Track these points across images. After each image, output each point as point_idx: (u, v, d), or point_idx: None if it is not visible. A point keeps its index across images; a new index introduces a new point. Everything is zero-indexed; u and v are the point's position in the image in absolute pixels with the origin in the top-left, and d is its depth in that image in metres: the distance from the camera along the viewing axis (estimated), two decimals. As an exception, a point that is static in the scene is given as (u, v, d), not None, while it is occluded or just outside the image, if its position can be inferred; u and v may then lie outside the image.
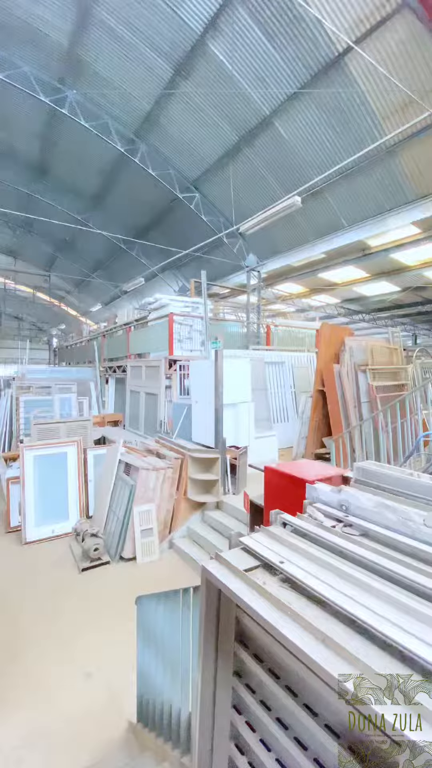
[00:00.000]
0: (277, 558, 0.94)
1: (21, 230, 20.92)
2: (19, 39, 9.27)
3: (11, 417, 9.28)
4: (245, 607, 0.82)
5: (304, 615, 0.77)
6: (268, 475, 2.76)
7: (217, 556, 1.00)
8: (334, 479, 2.02)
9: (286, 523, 1.14)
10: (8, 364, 30.50)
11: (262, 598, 0.82)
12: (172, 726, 2.05)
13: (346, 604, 0.77)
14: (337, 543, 1.00)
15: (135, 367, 10.40)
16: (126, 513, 4.88)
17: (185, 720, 1.94)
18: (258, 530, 1.11)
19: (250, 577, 0.88)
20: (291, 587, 0.86)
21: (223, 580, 0.89)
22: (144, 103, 10.62)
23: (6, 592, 4.15)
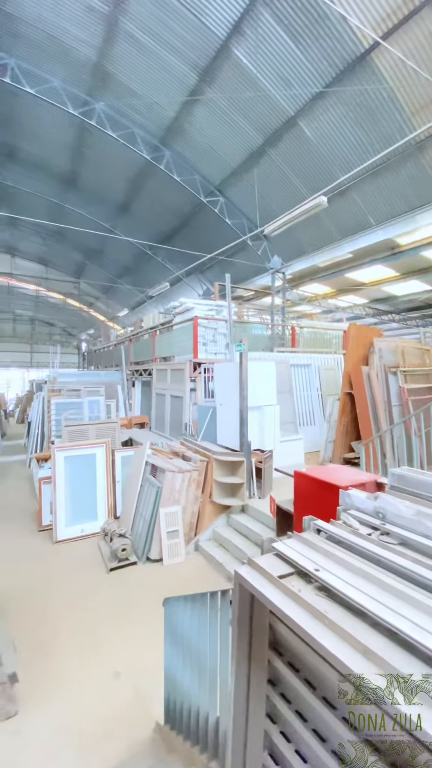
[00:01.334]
0: (313, 565, 0.92)
1: (52, 239, 21.74)
2: (50, 55, 9.67)
3: (43, 419, 9.61)
4: (281, 614, 0.80)
5: (343, 625, 0.74)
6: (298, 480, 2.71)
7: (250, 561, 0.99)
8: (367, 485, 1.96)
9: (320, 529, 1.11)
10: (41, 368, 31.70)
11: (298, 606, 0.80)
12: (200, 730, 2.04)
13: (387, 616, 0.74)
14: (374, 552, 0.96)
15: (160, 370, 10.54)
16: (152, 514, 4.93)
17: (213, 724, 1.93)
18: (291, 536, 1.09)
19: (285, 584, 0.87)
20: (327, 596, 0.84)
21: (257, 586, 0.88)
22: (169, 110, 10.81)
23: (38, 589, 4.29)
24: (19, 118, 12.18)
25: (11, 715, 2.65)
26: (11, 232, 21.71)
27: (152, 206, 15.53)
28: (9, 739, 2.50)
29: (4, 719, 2.62)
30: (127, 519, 5.39)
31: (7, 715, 2.63)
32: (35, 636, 3.49)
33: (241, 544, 4.74)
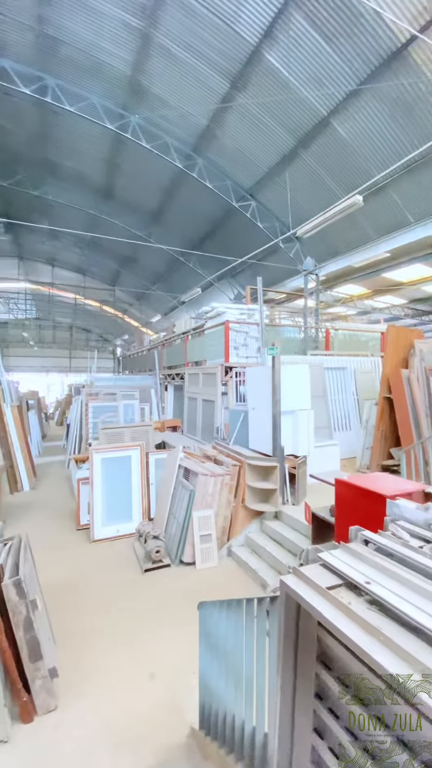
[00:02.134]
0: (363, 578, 0.88)
1: (89, 249, 22.64)
2: (87, 72, 10.12)
3: (81, 421, 9.96)
4: (331, 627, 0.77)
5: (399, 642, 0.71)
6: (339, 488, 2.63)
7: (295, 570, 0.97)
8: (414, 495, 1.86)
9: (368, 540, 1.06)
10: (79, 373, 32.99)
11: (349, 620, 0.77)
12: (236, 738, 2.01)
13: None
14: (428, 566, 0.91)
15: (192, 374, 10.64)
16: (186, 517, 4.96)
17: (249, 733, 1.89)
18: (338, 546, 1.05)
19: (334, 596, 0.84)
20: (380, 610, 0.80)
21: (305, 597, 0.85)
22: (201, 119, 10.98)
23: (77, 587, 4.42)
24: (60, 136, 12.83)
25: (51, 709, 2.74)
26: (52, 244, 22.82)
27: (184, 213, 15.79)
28: (49, 733, 2.58)
29: (45, 713, 2.70)
30: (161, 521, 5.46)
31: (47, 708, 2.71)
32: (73, 632, 3.60)
33: (276, 552, 4.66)
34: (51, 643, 2.97)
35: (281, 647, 0.94)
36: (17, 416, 8.32)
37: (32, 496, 8.09)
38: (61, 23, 8.75)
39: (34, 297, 31.07)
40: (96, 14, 8.41)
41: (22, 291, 29.77)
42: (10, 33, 9.14)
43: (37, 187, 15.75)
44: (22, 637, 2.53)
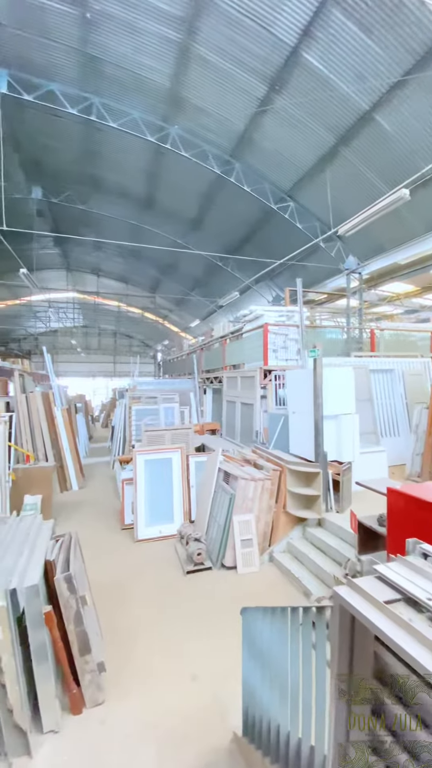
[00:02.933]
0: (425, 594, 0.83)
1: (131, 258, 23.51)
2: (129, 89, 10.55)
3: (125, 424, 10.31)
4: (391, 644, 0.73)
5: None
6: (392, 497, 2.51)
7: (349, 582, 0.93)
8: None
9: (427, 554, 1.00)
10: (122, 377, 34.28)
11: (411, 638, 0.73)
12: (280, 748, 1.97)
13: None
14: None
15: (231, 377, 10.66)
16: (226, 521, 4.96)
17: (294, 745, 1.85)
18: (394, 559, 1.00)
19: (393, 611, 0.80)
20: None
21: (360, 610, 0.82)
22: (238, 124, 11.05)
23: (122, 585, 4.56)
24: (104, 151, 13.47)
25: (99, 702, 2.83)
26: (97, 255, 23.97)
27: (222, 218, 15.94)
28: (96, 727, 2.67)
29: (93, 706, 2.80)
30: (202, 523, 5.50)
31: (95, 702, 2.81)
32: (118, 628, 3.70)
33: (319, 560, 4.52)
34: (99, 639, 3.08)
35: (335, 660, 0.90)
36: (67, 419, 8.78)
37: (80, 495, 8.47)
38: (105, 43, 9.21)
39: (81, 306, 32.76)
40: (137, 32, 8.76)
41: (70, 300, 31.51)
42: (58, 57, 9.78)
43: (84, 201, 16.63)
44: (73, 631, 2.64)
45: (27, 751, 2.33)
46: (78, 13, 8.41)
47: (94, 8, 8.25)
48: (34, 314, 33.33)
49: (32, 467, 6.96)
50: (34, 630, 2.41)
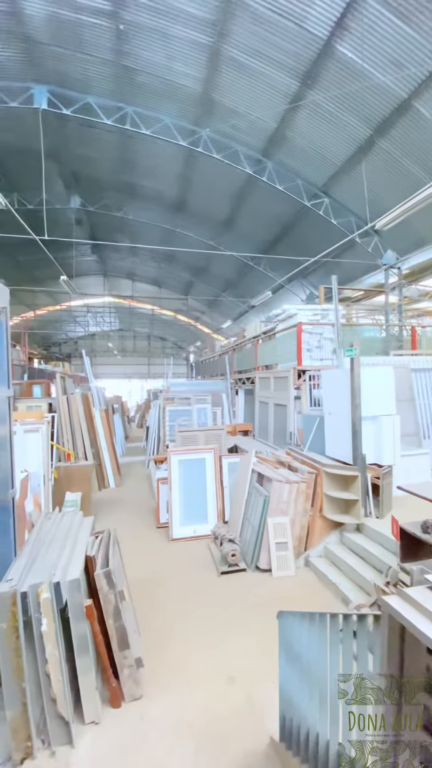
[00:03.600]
0: None
1: (164, 262, 23.96)
2: (161, 96, 10.76)
3: (159, 424, 10.51)
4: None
5: None
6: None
7: (399, 591, 0.89)
8: None
9: None
10: (156, 378, 35.03)
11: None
12: (319, 757, 1.92)
13: None
14: None
15: (263, 378, 10.56)
16: (260, 523, 4.92)
17: (334, 754, 1.79)
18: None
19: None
20: None
21: (413, 622, 0.78)
22: (270, 122, 10.95)
23: (157, 583, 4.64)
24: (137, 158, 13.82)
25: (137, 697, 2.89)
26: (132, 260, 24.64)
27: (254, 218, 15.86)
28: (135, 721, 2.72)
29: (131, 700, 2.86)
30: (235, 524, 5.48)
31: (133, 696, 2.87)
32: (154, 626, 3.76)
33: (358, 567, 4.37)
34: (137, 635, 3.15)
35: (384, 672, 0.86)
36: (105, 419, 9.08)
37: (117, 493, 8.73)
38: (137, 53, 9.45)
39: (117, 310, 33.82)
40: (168, 38, 8.91)
41: (107, 305, 32.62)
42: (94, 70, 10.16)
43: (120, 208, 17.15)
44: (112, 625, 2.72)
45: (69, 741, 2.42)
46: (112, 26, 8.69)
47: (127, 19, 8.49)
48: (73, 319, 34.83)
49: (73, 465, 7.26)
50: (76, 622, 2.51)
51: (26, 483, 4.67)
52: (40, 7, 8.31)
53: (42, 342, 35.28)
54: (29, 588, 2.32)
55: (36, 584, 2.34)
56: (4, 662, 2.27)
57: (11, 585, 2.33)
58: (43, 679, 2.35)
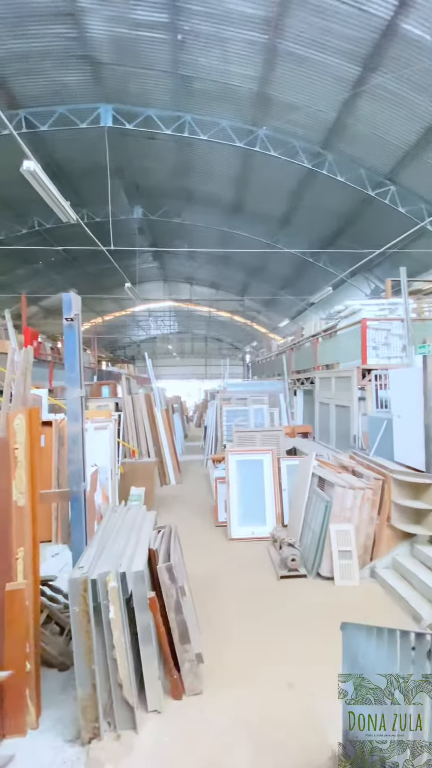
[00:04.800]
0: None
1: (221, 264, 24.23)
2: (218, 100, 10.89)
3: (216, 424, 10.65)
4: None
5: None
6: None
7: None
8: None
9: None
10: (213, 379, 35.62)
11: None
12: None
13: None
14: None
15: (324, 378, 10.19)
16: (322, 529, 4.74)
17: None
18: None
19: None
20: None
21: None
22: (329, 113, 10.54)
23: (216, 581, 4.68)
24: (195, 164, 14.15)
25: (197, 692, 2.93)
26: (190, 264, 25.31)
27: (313, 213, 15.39)
28: (195, 715, 2.76)
29: (192, 694, 2.92)
30: (295, 529, 5.34)
31: (193, 691, 2.92)
32: (214, 623, 3.79)
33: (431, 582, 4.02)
34: (197, 630, 3.21)
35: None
36: (165, 418, 9.42)
37: (177, 490, 9.00)
38: (194, 61, 9.67)
39: (176, 313, 34.98)
40: (224, 42, 8.99)
41: (167, 309, 33.91)
42: (153, 83, 10.60)
43: (179, 214, 17.69)
44: (174, 619, 2.80)
45: (133, 726, 2.53)
46: (169, 38, 8.99)
47: (184, 28, 8.72)
48: (136, 323, 36.71)
49: (137, 462, 7.64)
50: (140, 612, 2.62)
51: (96, 477, 5.01)
52: (102, 28, 8.84)
53: (109, 346, 37.70)
54: (98, 576, 2.47)
55: (104, 573, 2.49)
56: (77, 643, 2.44)
57: (83, 572, 2.50)
58: (111, 664, 2.49)
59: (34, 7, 8.09)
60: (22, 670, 2.46)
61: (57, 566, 4.55)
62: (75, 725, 2.55)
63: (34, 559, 2.70)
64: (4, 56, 9.14)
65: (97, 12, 8.41)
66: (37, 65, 9.60)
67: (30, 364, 3.11)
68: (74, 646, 2.47)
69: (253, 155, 12.35)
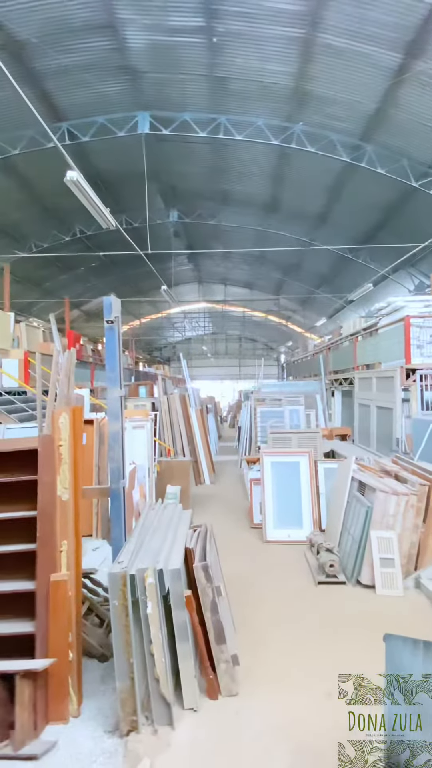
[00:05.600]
0: None
1: (256, 264, 24.10)
2: (253, 99, 10.83)
3: (251, 425, 10.58)
4: None
5: None
6: None
7: None
8: None
9: None
10: (247, 380, 35.50)
11: None
12: None
13: None
14: None
15: (363, 378, 9.83)
16: (362, 535, 4.56)
17: None
18: None
19: None
20: None
21: None
22: (369, 104, 10.16)
23: (252, 583, 4.64)
24: (229, 165, 14.16)
25: (233, 694, 2.91)
26: (225, 265, 25.38)
27: (352, 207, 14.91)
28: (231, 716, 2.74)
29: (227, 696, 2.90)
30: (333, 534, 5.19)
31: (229, 692, 2.90)
32: (249, 626, 3.76)
33: None
34: (232, 631, 3.19)
35: None
36: (200, 418, 9.51)
37: (212, 489, 9.04)
38: (230, 62, 9.68)
39: (211, 314, 35.20)
40: (260, 40, 8.92)
41: (201, 311, 34.22)
42: (189, 87, 10.71)
43: (214, 216, 17.79)
44: (210, 618, 2.80)
45: (170, 722, 2.55)
46: (205, 41, 9.04)
47: (219, 30, 8.74)
48: (172, 325, 37.36)
49: (173, 460, 7.76)
50: (177, 610, 2.64)
51: (134, 474, 5.15)
52: (141, 37, 9.06)
53: (146, 347, 38.65)
54: (137, 571, 2.53)
55: (142, 569, 2.54)
56: (116, 636, 2.51)
57: (122, 567, 2.56)
58: (148, 659, 2.53)
59: (75, 22, 8.42)
60: (65, 659, 2.56)
61: (97, 560, 4.71)
62: (114, 716, 2.62)
63: (77, 552, 2.81)
64: (49, 72, 9.62)
65: (136, 22, 8.64)
66: (79, 78, 10.02)
67: (73, 365, 3.24)
68: (113, 639, 2.53)
69: (289, 152, 12.17)
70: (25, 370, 9.15)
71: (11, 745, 2.34)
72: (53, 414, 2.86)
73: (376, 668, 2.28)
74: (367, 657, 3.13)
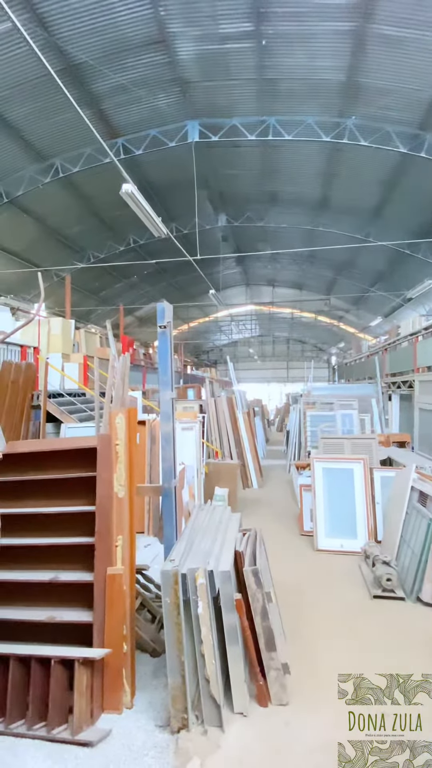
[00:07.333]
0: None
1: (305, 264, 23.54)
2: (302, 97, 10.63)
3: (300, 429, 10.33)
4: None
5: None
6: None
7: None
8: None
9: None
10: (295, 382, 34.77)
11: None
12: None
13: None
14: None
15: (425, 381, 9.19)
16: (424, 549, 4.24)
17: None
18: None
19: None
20: None
21: None
22: (428, 90, 9.55)
23: (303, 592, 4.50)
24: (279, 166, 14.00)
25: (283, 703, 2.84)
26: (273, 266, 25.11)
27: (410, 200, 14.06)
28: (281, 726, 2.67)
29: (277, 704, 2.83)
30: (390, 546, 4.89)
31: (279, 701, 2.84)
32: (301, 635, 3.64)
33: None
34: (282, 640, 3.12)
35: None
36: (247, 421, 9.47)
37: (260, 493, 8.94)
38: (279, 63, 9.59)
39: (258, 317, 35.00)
40: (310, 38, 8.75)
41: (249, 313, 34.15)
42: (238, 93, 10.76)
43: (262, 218, 17.70)
44: (260, 624, 2.77)
45: (219, 724, 2.55)
46: (254, 44, 9.05)
47: (268, 33, 8.70)
48: (219, 328, 37.69)
49: (220, 463, 7.80)
50: (227, 612, 2.65)
51: (183, 475, 5.25)
52: (191, 48, 9.27)
53: (194, 350, 39.38)
54: (188, 571, 2.57)
55: (193, 569, 2.57)
56: (168, 633, 2.56)
57: (174, 565, 2.62)
58: (199, 658, 2.55)
59: (129, 40, 8.80)
60: (119, 650, 2.67)
61: (149, 557, 4.86)
62: (165, 712, 2.67)
63: (131, 547, 2.92)
64: (106, 91, 10.19)
65: (186, 34, 8.87)
66: (133, 94, 10.49)
67: (127, 369, 3.39)
68: (166, 636, 2.59)
69: (340, 148, 11.77)
70: (84, 373, 9.74)
71: (69, 729, 2.48)
72: (110, 415, 3.01)
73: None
74: (428, 679, 2.91)
